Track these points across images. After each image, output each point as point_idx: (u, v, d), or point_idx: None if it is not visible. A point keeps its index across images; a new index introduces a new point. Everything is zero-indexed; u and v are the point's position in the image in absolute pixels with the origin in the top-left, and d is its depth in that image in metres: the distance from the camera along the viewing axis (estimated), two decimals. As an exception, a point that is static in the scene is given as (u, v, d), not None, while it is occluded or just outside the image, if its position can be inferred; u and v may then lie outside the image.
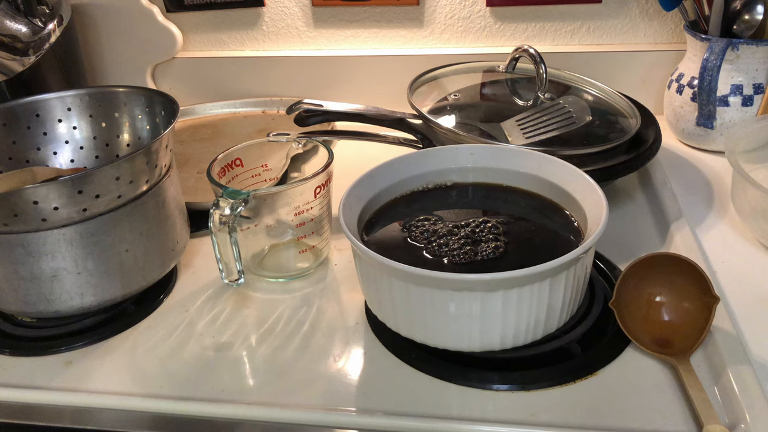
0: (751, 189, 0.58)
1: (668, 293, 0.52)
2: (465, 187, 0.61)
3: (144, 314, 0.58)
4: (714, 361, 0.48)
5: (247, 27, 0.98)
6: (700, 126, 0.77)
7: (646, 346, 0.49)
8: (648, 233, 0.65)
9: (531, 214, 0.57)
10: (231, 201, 0.54)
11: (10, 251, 0.51)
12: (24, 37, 0.82)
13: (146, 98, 0.64)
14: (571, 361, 0.50)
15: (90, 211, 0.51)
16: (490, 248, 0.52)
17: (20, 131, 0.63)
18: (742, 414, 0.43)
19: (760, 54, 0.73)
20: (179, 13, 0.97)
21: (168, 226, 0.58)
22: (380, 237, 0.55)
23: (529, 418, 0.45)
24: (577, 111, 0.71)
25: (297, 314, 0.57)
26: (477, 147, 0.61)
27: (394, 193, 0.59)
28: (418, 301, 0.46)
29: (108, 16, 0.96)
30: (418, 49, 0.94)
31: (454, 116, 0.73)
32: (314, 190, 0.58)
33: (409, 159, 0.60)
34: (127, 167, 0.52)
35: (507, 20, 0.91)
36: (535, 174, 0.58)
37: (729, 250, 0.61)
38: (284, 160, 0.70)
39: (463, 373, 0.49)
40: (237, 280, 0.58)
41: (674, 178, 0.73)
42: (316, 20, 0.95)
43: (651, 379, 0.48)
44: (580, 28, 0.90)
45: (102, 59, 1.00)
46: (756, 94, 0.75)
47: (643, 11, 0.88)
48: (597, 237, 0.47)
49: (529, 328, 0.47)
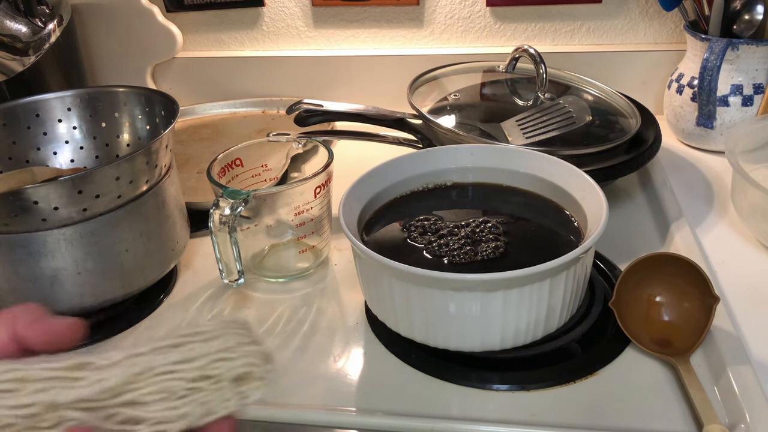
0: (751, 189, 0.58)
1: (668, 293, 0.52)
2: (465, 187, 0.61)
3: (144, 314, 0.58)
4: (714, 361, 0.48)
5: (247, 27, 0.98)
6: (700, 126, 0.77)
7: (646, 346, 0.49)
8: (648, 233, 0.65)
9: (531, 214, 0.57)
10: (231, 201, 0.54)
11: (10, 251, 0.51)
12: (24, 37, 0.82)
13: (146, 98, 0.64)
14: (571, 361, 0.50)
15: (90, 211, 0.51)
16: (490, 248, 0.52)
17: (20, 131, 0.63)
18: (742, 414, 0.43)
19: (760, 54, 0.73)
20: (179, 13, 0.97)
21: (168, 226, 0.58)
22: (380, 237, 0.55)
23: (529, 418, 0.45)
24: (577, 111, 0.71)
25: (297, 314, 0.57)
26: (477, 147, 0.61)
27: (394, 193, 0.59)
28: (418, 301, 0.46)
29: (108, 16, 0.96)
30: (418, 49, 0.94)
31: (454, 116, 0.73)
32: (314, 190, 0.58)
33: (409, 159, 0.60)
34: (127, 167, 0.52)
35: (507, 20, 0.91)
36: (535, 174, 0.58)
37: (729, 250, 0.61)
38: (284, 160, 0.70)
39: (463, 373, 0.49)
40: (237, 280, 0.58)
41: (674, 178, 0.72)
42: (316, 20, 0.95)
43: (651, 379, 0.48)
44: (580, 28, 0.90)
45: (102, 59, 1.00)
46: (756, 94, 0.75)
47: (643, 11, 0.88)
48: (597, 237, 0.47)
49: (529, 328, 0.47)
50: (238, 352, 0.30)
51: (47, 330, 0.31)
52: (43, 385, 0.29)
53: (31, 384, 0.29)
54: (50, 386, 0.29)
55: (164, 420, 0.30)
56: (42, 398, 0.28)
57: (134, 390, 0.29)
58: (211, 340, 0.31)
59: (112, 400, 0.29)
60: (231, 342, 0.31)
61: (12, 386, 0.29)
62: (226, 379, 0.30)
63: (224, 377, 0.30)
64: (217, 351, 0.30)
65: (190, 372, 0.30)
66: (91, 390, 0.29)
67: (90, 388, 0.29)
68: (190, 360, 0.30)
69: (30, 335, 0.31)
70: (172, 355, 0.30)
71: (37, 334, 0.31)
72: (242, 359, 0.30)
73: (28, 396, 0.28)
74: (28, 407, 0.28)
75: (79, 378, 0.29)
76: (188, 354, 0.30)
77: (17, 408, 0.28)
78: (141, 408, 0.30)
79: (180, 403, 0.30)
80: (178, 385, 0.30)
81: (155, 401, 0.30)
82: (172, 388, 0.30)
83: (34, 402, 0.28)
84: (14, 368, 0.29)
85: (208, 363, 0.30)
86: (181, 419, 0.30)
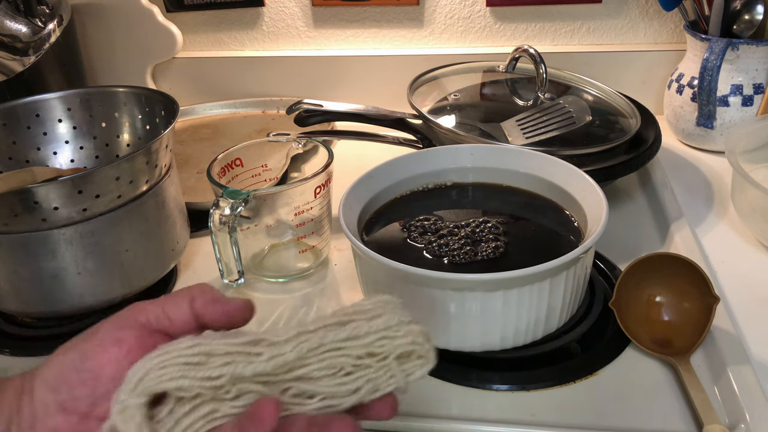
0: (751, 189, 0.58)
1: (668, 293, 0.52)
2: (465, 187, 0.61)
3: (144, 314, 0.58)
4: (714, 361, 0.48)
5: (247, 27, 0.98)
6: (700, 126, 0.77)
7: (646, 346, 0.49)
8: (648, 233, 0.65)
9: (531, 214, 0.57)
10: (231, 201, 0.54)
11: (10, 251, 0.51)
12: (24, 37, 0.82)
13: (146, 98, 0.64)
14: (571, 361, 0.50)
15: (90, 211, 0.51)
16: (490, 248, 0.52)
17: (20, 131, 0.63)
18: (742, 414, 0.43)
19: (760, 54, 0.73)
20: (179, 13, 0.97)
21: (168, 226, 0.58)
22: (380, 237, 0.55)
23: (529, 418, 0.45)
24: (577, 111, 0.71)
25: (297, 314, 0.57)
26: (477, 147, 0.61)
27: (394, 193, 0.59)
28: (417, 301, 0.46)
29: (108, 16, 0.96)
30: (418, 49, 0.94)
31: (454, 116, 0.73)
32: (314, 190, 0.58)
33: (409, 159, 0.60)
34: (127, 167, 0.52)
35: (507, 20, 0.91)
36: (535, 174, 0.58)
37: (729, 250, 0.61)
38: (284, 160, 0.70)
39: (463, 373, 0.49)
40: (237, 280, 0.58)
41: (674, 178, 0.72)
42: (316, 20, 0.95)
43: (651, 379, 0.48)
44: (580, 28, 0.90)
45: (102, 59, 1.00)
46: (756, 94, 0.75)
47: (643, 11, 0.88)
48: (597, 237, 0.47)
49: (529, 328, 0.47)
50: (401, 331, 0.31)
51: (225, 310, 0.34)
52: (228, 359, 0.30)
53: (218, 358, 0.30)
54: (233, 360, 0.30)
55: (334, 395, 0.31)
56: (227, 371, 0.30)
57: (306, 365, 0.31)
58: (375, 318, 0.32)
59: (286, 374, 0.31)
60: (393, 321, 0.32)
61: (199, 359, 0.30)
62: (390, 356, 0.31)
63: (389, 355, 0.31)
64: (382, 329, 0.31)
65: (357, 349, 0.31)
66: (268, 364, 0.30)
67: (268, 362, 0.30)
68: (357, 337, 0.31)
69: (208, 313, 0.33)
70: (341, 333, 0.31)
71: (215, 313, 0.33)
72: (405, 337, 0.31)
73: (215, 369, 0.30)
74: (216, 379, 0.30)
75: (258, 353, 0.30)
76: (354, 332, 0.31)
77: (206, 380, 0.30)
78: (312, 383, 0.31)
79: (348, 379, 0.31)
80: (346, 361, 0.31)
81: (325, 377, 0.31)
82: (341, 364, 0.31)
83: (221, 374, 0.30)
84: (199, 343, 0.31)
85: (373, 341, 0.31)
86: (350, 395, 0.31)
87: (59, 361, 0.32)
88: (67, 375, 0.31)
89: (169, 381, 0.30)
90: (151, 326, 0.33)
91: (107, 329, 0.32)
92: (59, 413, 0.31)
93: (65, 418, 0.31)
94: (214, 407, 0.30)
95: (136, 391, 0.30)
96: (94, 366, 0.31)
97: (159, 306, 0.33)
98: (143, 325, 0.33)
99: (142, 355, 0.31)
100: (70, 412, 0.31)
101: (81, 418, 0.31)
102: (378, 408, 0.32)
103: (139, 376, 0.30)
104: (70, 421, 0.31)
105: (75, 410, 0.31)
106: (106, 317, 0.34)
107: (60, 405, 0.31)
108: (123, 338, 0.32)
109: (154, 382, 0.30)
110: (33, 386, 0.32)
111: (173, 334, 0.33)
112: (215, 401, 0.30)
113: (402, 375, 0.31)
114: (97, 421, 0.31)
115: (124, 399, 0.30)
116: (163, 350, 0.31)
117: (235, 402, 0.30)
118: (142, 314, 0.33)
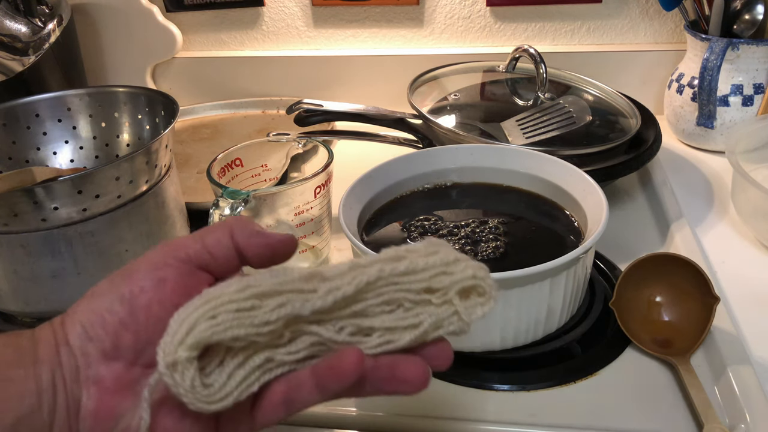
0: (751, 189, 0.58)
1: (668, 293, 0.52)
2: (465, 187, 0.61)
3: (144, 314, 0.58)
4: (714, 361, 0.48)
5: (247, 27, 0.98)
6: (700, 126, 0.77)
7: (646, 346, 0.49)
8: (648, 233, 0.65)
9: (531, 214, 0.57)
10: (231, 201, 0.54)
11: (10, 251, 0.51)
12: (24, 37, 0.82)
13: (146, 98, 0.64)
14: (571, 361, 0.50)
15: (90, 211, 0.51)
16: (490, 248, 0.52)
17: (20, 131, 0.63)
18: (742, 414, 0.43)
19: (760, 54, 0.73)
20: (179, 13, 0.97)
21: (168, 226, 0.58)
22: (380, 237, 0.55)
23: (529, 418, 0.45)
24: (577, 111, 0.71)
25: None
26: (477, 147, 0.61)
27: (394, 193, 0.59)
28: (418, 301, 0.46)
29: (108, 16, 0.96)
30: (418, 49, 0.94)
31: (454, 116, 0.73)
32: (314, 190, 0.58)
33: (409, 159, 0.60)
34: (127, 167, 0.52)
35: (507, 20, 0.91)
36: (535, 174, 0.58)
37: (729, 250, 0.61)
38: (284, 160, 0.70)
39: (463, 373, 0.49)
40: (237, 280, 0.57)
41: (674, 178, 0.72)
42: (316, 20, 0.95)
43: (651, 379, 0.48)
44: (580, 28, 0.90)
45: (102, 59, 1.00)
46: (756, 94, 0.75)
47: (643, 11, 0.88)
48: (597, 237, 0.47)
49: (529, 328, 0.47)
50: (460, 266, 0.29)
51: (267, 243, 0.31)
52: (282, 299, 0.28)
53: (271, 300, 0.28)
54: (288, 300, 0.28)
55: (394, 329, 0.28)
56: (284, 312, 0.27)
57: (363, 300, 0.28)
58: (430, 255, 0.29)
59: (342, 311, 0.28)
60: (450, 257, 0.29)
61: (253, 303, 0.28)
62: (451, 291, 0.29)
63: (449, 290, 0.29)
64: (439, 264, 0.29)
65: (415, 284, 0.29)
66: (327, 300, 0.28)
67: (327, 297, 0.28)
68: (415, 272, 0.29)
69: (251, 246, 0.31)
70: (399, 266, 0.28)
71: (258, 246, 0.31)
72: (464, 272, 0.29)
73: (271, 312, 0.27)
74: (273, 323, 0.27)
75: (312, 290, 0.28)
76: (412, 266, 0.29)
77: (263, 325, 0.27)
78: (369, 319, 0.28)
79: (409, 314, 0.29)
80: (405, 296, 0.29)
81: (384, 312, 0.29)
82: (400, 299, 0.29)
83: (279, 317, 0.27)
84: (249, 285, 0.28)
85: (433, 275, 0.29)
86: (409, 330, 0.28)
87: (93, 307, 0.30)
88: (106, 322, 0.29)
89: (224, 332, 0.27)
90: (191, 263, 0.30)
91: (146, 270, 0.30)
92: (102, 362, 0.29)
93: (108, 366, 0.29)
94: (268, 356, 0.28)
95: (185, 343, 0.27)
96: (136, 310, 0.29)
97: (198, 241, 0.31)
98: (183, 261, 0.30)
99: (186, 294, 0.29)
100: (114, 360, 0.29)
101: (126, 366, 0.29)
102: (434, 354, 0.29)
103: (187, 327, 0.27)
104: (115, 370, 0.29)
105: (119, 358, 0.29)
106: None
107: (102, 353, 0.29)
108: (165, 278, 0.30)
109: (207, 334, 0.27)
110: (67, 336, 0.30)
111: (215, 271, 0.31)
112: (269, 348, 0.28)
113: (465, 313, 0.29)
114: (143, 368, 0.29)
115: (172, 352, 0.27)
116: (210, 295, 0.28)
117: (289, 347, 0.28)
118: (182, 250, 0.30)
